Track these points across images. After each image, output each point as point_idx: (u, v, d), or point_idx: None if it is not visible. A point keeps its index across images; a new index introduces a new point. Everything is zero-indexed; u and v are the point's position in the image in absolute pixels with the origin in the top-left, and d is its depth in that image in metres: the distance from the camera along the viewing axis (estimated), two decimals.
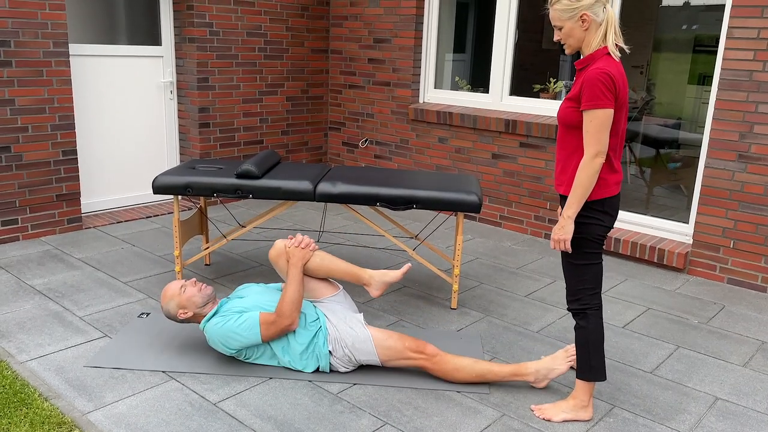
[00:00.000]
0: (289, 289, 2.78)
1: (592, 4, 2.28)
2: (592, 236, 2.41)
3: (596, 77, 2.22)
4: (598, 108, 2.23)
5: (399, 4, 5.51)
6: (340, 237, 4.85)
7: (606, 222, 2.41)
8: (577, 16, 2.29)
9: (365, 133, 6.05)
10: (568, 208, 2.33)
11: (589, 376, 2.52)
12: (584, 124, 2.27)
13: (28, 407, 2.52)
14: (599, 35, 2.31)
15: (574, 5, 2.28)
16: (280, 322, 2.73)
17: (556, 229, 2.38)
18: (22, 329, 3.20)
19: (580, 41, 2.34)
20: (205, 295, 2.87)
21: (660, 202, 4.79)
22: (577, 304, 2.49)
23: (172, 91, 5.41)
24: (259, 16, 5.53)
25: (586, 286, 2.46)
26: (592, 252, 2.43)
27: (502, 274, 4.21)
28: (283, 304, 2.74)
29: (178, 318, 2.87)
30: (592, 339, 2.49)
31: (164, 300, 2.89)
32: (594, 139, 2.25)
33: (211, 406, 2.60)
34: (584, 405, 2.56)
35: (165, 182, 3.53)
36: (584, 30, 2.31)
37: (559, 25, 2.35)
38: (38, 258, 4.17)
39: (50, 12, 4.33)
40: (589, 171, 2.27)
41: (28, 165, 4.41)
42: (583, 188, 2.30)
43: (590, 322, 2.48)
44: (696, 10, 4.40)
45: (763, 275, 4.01)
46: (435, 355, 2.77)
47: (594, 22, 2.30)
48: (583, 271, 2.45)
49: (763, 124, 3.87)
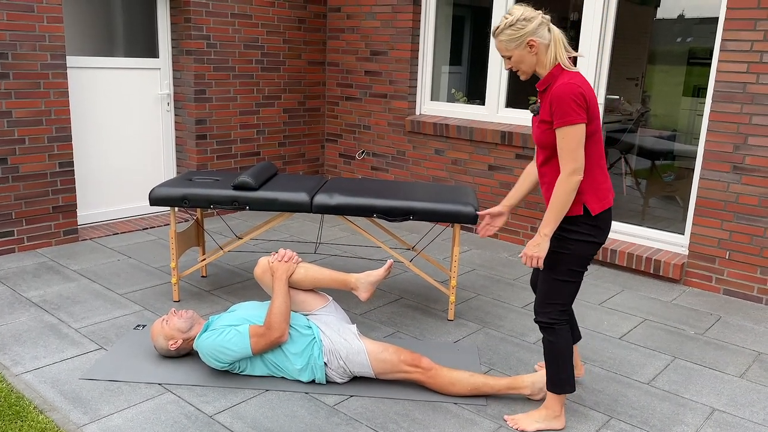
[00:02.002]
0: (275, 302, 2.79)
1: (536, 29, 2.28)
2: (582, 254, 2.36)
3: (565, 94, 2.20)
4: (570, 125, 2.21)
5: (395, 17, 5.55)
6: (337, 248, 4.85)
7: (598, 239, 2.37)
8: (524, 43, 2.29)
9: (362, 144, 6.06)
10: (545, 225, 2.29)
11: (561, 389, 2.51)
12: (558, 142, 2.25)
13: (23, 420, 2.51)
14: (550, 55, 2.31)
15: (518, 33, 2.28)
16: (269, 334, 2.73)
17: (531, 245, 2.32)
18: (17, 341, 3.18)
19: (532, 66, 2.34)
20: (187, 318, 2.92)
21: (656, 214, 4.81)
22: (545, 317, 2.45)
23: (169, 103, 5.42)
24: (256, 28, 5.56)
25: (557, 302, 2.42)
26: (576, 270, 2.39)
27: (499, 285, 4.21)
28: (271, 316, 2.75)
29: (171, 350, 2.93)
30: (561, 353, 2.47)
31: (153, 339, 2.96)
32: (570, 156, 2.23)
33: (207, 418, 2.59)
34: (557, 415, 2.56)
35: (162, 194, 3.53)
36: (534, 54, 2.31)
37: (507, 54, 2.34)
38: (34, 270, 4.16)
39: (48, 24, 4.35)
40: (567, 188, 2.25)
41: (24, 177, 4.41)
42: (561, 206, 2.27)
43: (559, 336, 2.45)
44: (690, 23, 4.44)
45: (759, 286, 4.02)
46: (430, 369, 2.76)
47: (542, 44, 2.30)
48: (561, 288, 2.41)
49: (757, 135, 3.89)
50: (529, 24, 2.27)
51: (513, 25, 2.28)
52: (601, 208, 2.34)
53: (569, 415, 2.71)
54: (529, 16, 2.28)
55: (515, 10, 2.30)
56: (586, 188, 2.32)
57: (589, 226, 2.34)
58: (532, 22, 2.27)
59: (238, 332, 2.74)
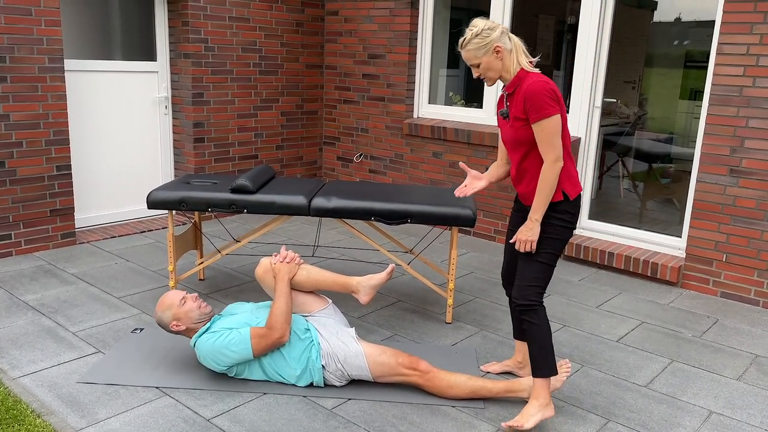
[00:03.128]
0: (277, 303, 2.79)
1: (500, 37, 2.48)
2: (562, 237, 2.55)
3: (538, 90, 2.39)
4: (548, 117, 2.40)
5: (393, 21, 5.56)
6: (335, 252, 4.85)
7: (574, 224, 2.57)
8: (491, 49, 2.48)
9: (360, 148, 6.07)
10: (535, 212, 2.49)
11: (547, 372, 2.57)
12: (537, 135, 2.44)
13: (21, 424, 2.50)
14: (513, 60, 2.52)
15: (486, 41, 2.47)
16: (270, 335, 2.72)
17: (524, 230, 2.52)
18: (14, 345, 3.18)
19: (498, 71, 2.52)
20: (203, 314, 2.86)
21: (653, 216, 4.82)
22: (524, 300, 2.58)
23: (167, 106, 5.43)
24: (254, 32, 5.56)
25: (536, 284, 2.57)
26: (555, 253, 2.56)
27: (497, 288, 4.22)
28: (273, 317, 2.74)
29: (170, 328, 2.85)
30: (545, 333, 2.57)
31: (160, 307, 2.86)
32: (550, 145, 2.42)
33: (205, 422, 2.59)
34: (547, 403, 2.59)
35: (159, 197, 3.53)
36: (500, 60, 2.50)
37: (475, 62, 2.52)
38: (31, 273, 4.16)
39: (46, 28, 4.35)
40: (551, 175, 2.44)
41: (22, 180, 4.41)
42: (549, 192, 2.46)
43: (539, 317, 2.57)
44: (687, 26, 4.45)
45: (756, 289, 4.03)
46: (428, 372, 2.76)
47: (506, 50, 2.50)
48: (541, 269, 2.56)
49: (754, 138, 3.90)
50: (493, 32, 2.47)
51: (479, 35, 2.48)
52: (576, 193, 2.55)
53: (566, 417, 2.71)
54: (492, 26, 2.48)
55: (479, 22, 2.50)
56: (562, 177, 2.52)
57: (568, 212, 2.54)
58: (495, 31, 2.47)
59: (239, 334, 2.73)
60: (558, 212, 2.53)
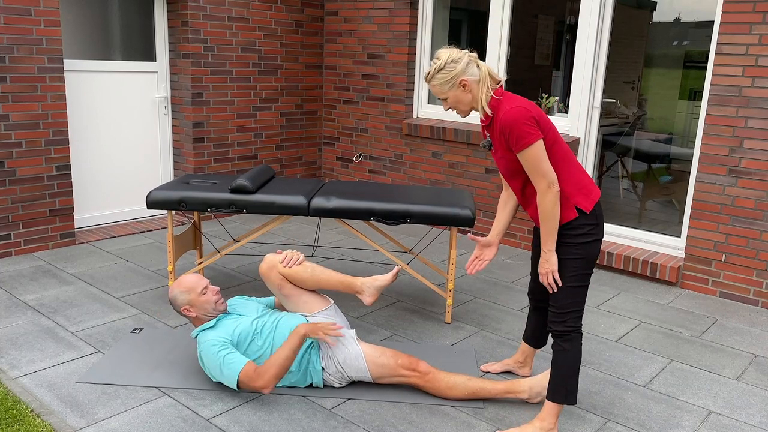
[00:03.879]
0: (281, 353, 2.65)
1: (465, 68, 2.34)
2: (591, 256, 2.40)
3: (513, 119, 2.25)
4: (529, 146, 2.26)
5: (393, 21, 5.56)
6: (335, 252, 4.85)
7: (599, 235, 2.41)
8: (456, 83, 2.35)
9: (359, 148, 6.07)
10: (546, 243, 2.36)
11: (564, 400, 2.47)
12: (524, 165, 2.31)
13: (20, 424, 2.50)
14: (483, 89, 2.36)
15: (449, 75, 2.34)
16: (256, 381, 2.63)
17: (542, 263, 2.40)
18: (14, 345, 3.18)
19: (469, 104, 2.40)
20: (217, 310, 2.84)
21: (652, 216, 4.82)
22: (562, 326, 2.45)
23: (166, 106, 5.43)
24: (253, 32, 5.56)
25: (573, 309, 2.43)
26: (586, 273, 2.42)
27: (496, 288, 4.22)
28: (270, 367, 2.63)
29: (180, 310, 2.82)
30: (571, 362, 2.45)
31: (180, 287, 2.81)
32: (539, 173, 2.29)
33: (204, 422, 2.59)
34: (550, 428, 2.49)
35: (159, 197, 3.53)
36: (468, 92, 2.37)
37: (443, 97, 2.40)
38: (31, 273, 4.16)
39: (45, 28, 4.35)
40: (549, 204, 2.31)
41: (21, 180, 4.41)
42: (551, 220, 2.33)
43: (573, 345, 2.44)
44: (686, 26, 4.46)
45: (755, 289, 4.03)
46: (428, 373, 2.76)
47: (473, 81, 2.36)
48: (576, 293, 2.42)
49: (753, 138, 3.91)
50: (458, 65, 2.34)
51: (442, 69, 2.35)
52: (592, 204, 2.38)
53: (566, 417, 2.71)
54: (456, 57, 2.34)
55: (442, 54, 2.37)
56: (572, 191, 2.36)
57: (588, 225, 2.37)
58: (459, 63, 2.34)
59: (235, 362, 2.66)
60: (574, 229, 2.36)
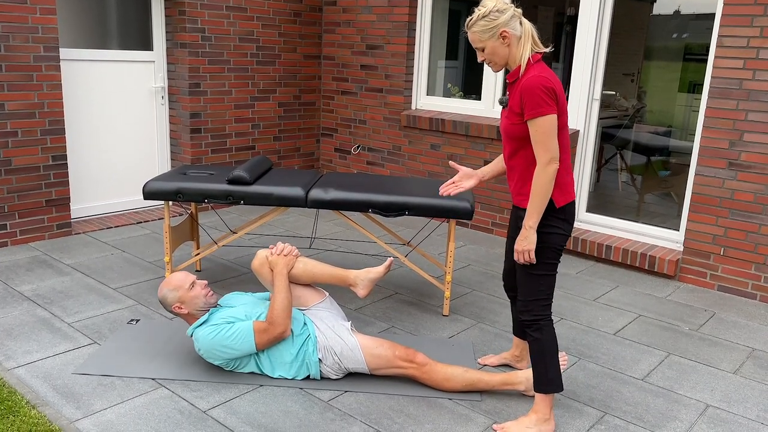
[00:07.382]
0: (278, 297, 2.77)
1: (509, 21, 2.30)
2: (553, 246, 2.40)
3: (534, 86, 2.22)
4: (542, 116, 2.24)
5: (392, 11, 5.53)
6: (332, 244, 4.84)
7: (566, 230, 2.42)
8: (497, 34, 2.31)
9: (357, 139, 6.05)
10: (530, 218, 2.32)
11: (548, 389, 2.47)
12: (531, 134, 2.28)
13: (15, 415, 2.49)
14: (521, 47, 2.33)
15: (492, 24, 2.30)
16: (272, 330, 2.71)
17: (520, 239, 2.36)
18: (9, 336, 3.16)
19: (504, 58, 2.36)
20: (208, 303, 2.84)
21: (651, 210, 4.81)
22: (528, 315, 2.46)
23: (163, 96, 5.39)
24: (251, 21, 5.53)
25: (539, 297, 2.44)
26: (550, 262, 2.42)
27: (494, 280, 4.21)
28: (274, 312, 2.72)
29: (171, 309, 2.83)
30: (547, 350, 2.45)
31: (168, 286, 2.82)
32: (544, 147, 2.26)
33: (201, 413, 2.58)
34: (546, 418, 2.50)
35: (156, 188, 3.51)
36: (507, 46, 2.33)
37: (480, 46, 2.36)
38: (27, 264, 4.14)
39: (41, 16, 4.31)
40: (545, 178, 2.28)
41: (17, 170, 4.38)
42: (542, 197, 2.30)
43: (544, 333, 2.45)
44: (686, 18, 4.43)
45: (753, 282, 4.03)
46: (425, 365, 2.75)
47: (514, 36, 2.32)
48: (540, 282, 2.43)
49: (753, 132, 3.89)
50: (502, 15, 2.29)
51: (486, 16, 2.30)
52: (564, 201, 2.38)
53: (563, 410, 2.71)
54: (502, 8, 2.30)
55: (488, 2, 2.33)
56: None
57: (555, 218, 2.38)
58: (504, 14, 2.30)
59: (242, 328, 2.71)
60: (543, 218, 2.37)
